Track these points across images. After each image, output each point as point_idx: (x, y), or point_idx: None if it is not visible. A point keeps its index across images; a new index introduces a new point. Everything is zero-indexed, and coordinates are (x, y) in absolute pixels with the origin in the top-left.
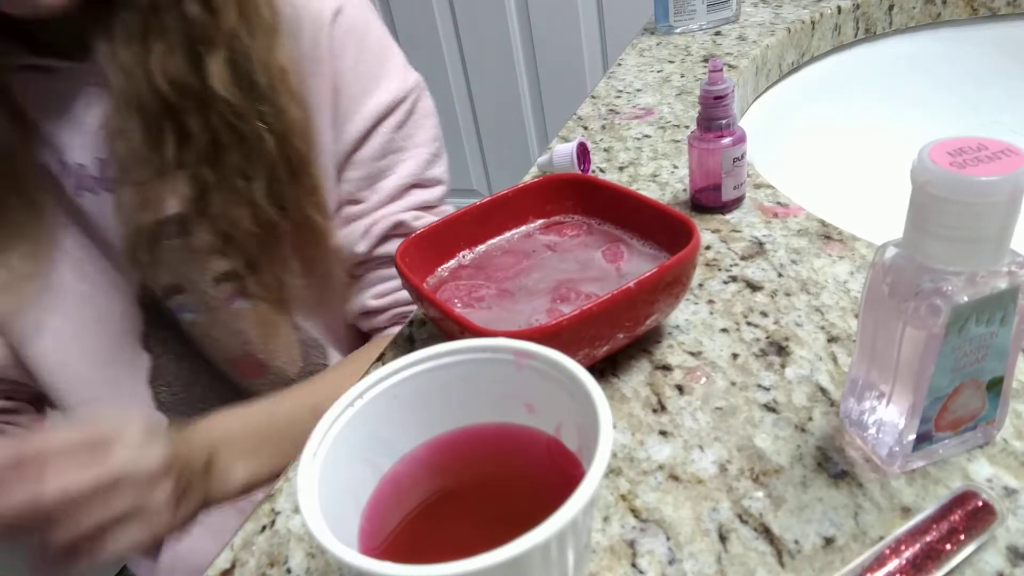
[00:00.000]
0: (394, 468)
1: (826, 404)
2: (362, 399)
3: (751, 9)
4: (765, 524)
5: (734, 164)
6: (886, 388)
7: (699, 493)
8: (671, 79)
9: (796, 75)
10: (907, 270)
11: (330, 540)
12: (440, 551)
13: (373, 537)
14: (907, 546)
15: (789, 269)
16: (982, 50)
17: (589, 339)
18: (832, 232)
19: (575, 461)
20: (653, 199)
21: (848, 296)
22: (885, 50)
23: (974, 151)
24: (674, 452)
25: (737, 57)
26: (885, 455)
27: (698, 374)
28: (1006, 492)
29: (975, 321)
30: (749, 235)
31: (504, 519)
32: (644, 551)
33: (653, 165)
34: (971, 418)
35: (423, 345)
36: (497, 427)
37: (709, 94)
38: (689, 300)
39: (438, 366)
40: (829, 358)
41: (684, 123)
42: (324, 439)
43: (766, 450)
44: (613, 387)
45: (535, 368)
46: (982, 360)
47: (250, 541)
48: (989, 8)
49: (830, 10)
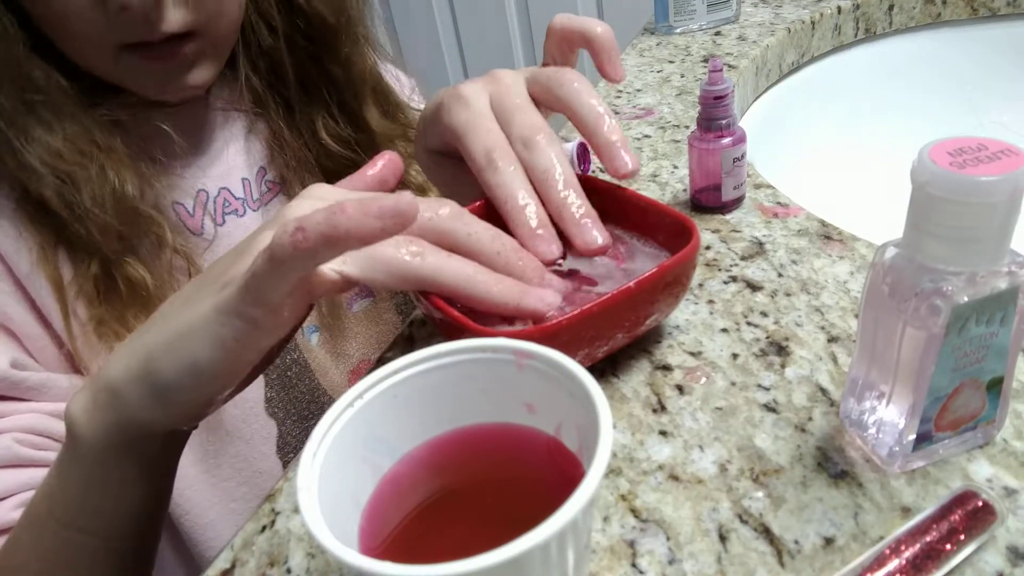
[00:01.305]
0: (394, 468)
1: (826, 404)
2: (362, 399)
3: (751, 9)
4: (765, 524)
5: (734, 164)
6: (886, 388)
7: (699, 493)
8: (671, 79)
9: (796, 75)
10: (907, 270)
11: (330, 540)
12: (440, 551)
13: (373, 537)
14: (907, 546)
15: (789, 269)
16: (982, 50)
17: (589, 339)
18: (832, 232)
19: (575, 461)
20: (653, 199)
21: (848, 296)
22: (885, 50)
23: (974, 151)
24: (674, 452)
25: (737, 57)
26: (885, 455)
27: (698, 374)
28: (1006, 492)
29: (975, 321)
30: (749, 235)
31: (504, 519)
32: (644, 551)
33: (653, 165)
34: (971, 418)
35: (423, 345)
36: (497, 427)
37: (709, 94)
38: (689, 300)
39: (438, 366)
40: (829, 358)
41: (684, 123)
42: (324, 439)
43: (766, 450)
44: (613, 387)
45: (535, 368)
46: (982, 360)
47: (250, 541)
48: (989, 8)
49: (830, 10)
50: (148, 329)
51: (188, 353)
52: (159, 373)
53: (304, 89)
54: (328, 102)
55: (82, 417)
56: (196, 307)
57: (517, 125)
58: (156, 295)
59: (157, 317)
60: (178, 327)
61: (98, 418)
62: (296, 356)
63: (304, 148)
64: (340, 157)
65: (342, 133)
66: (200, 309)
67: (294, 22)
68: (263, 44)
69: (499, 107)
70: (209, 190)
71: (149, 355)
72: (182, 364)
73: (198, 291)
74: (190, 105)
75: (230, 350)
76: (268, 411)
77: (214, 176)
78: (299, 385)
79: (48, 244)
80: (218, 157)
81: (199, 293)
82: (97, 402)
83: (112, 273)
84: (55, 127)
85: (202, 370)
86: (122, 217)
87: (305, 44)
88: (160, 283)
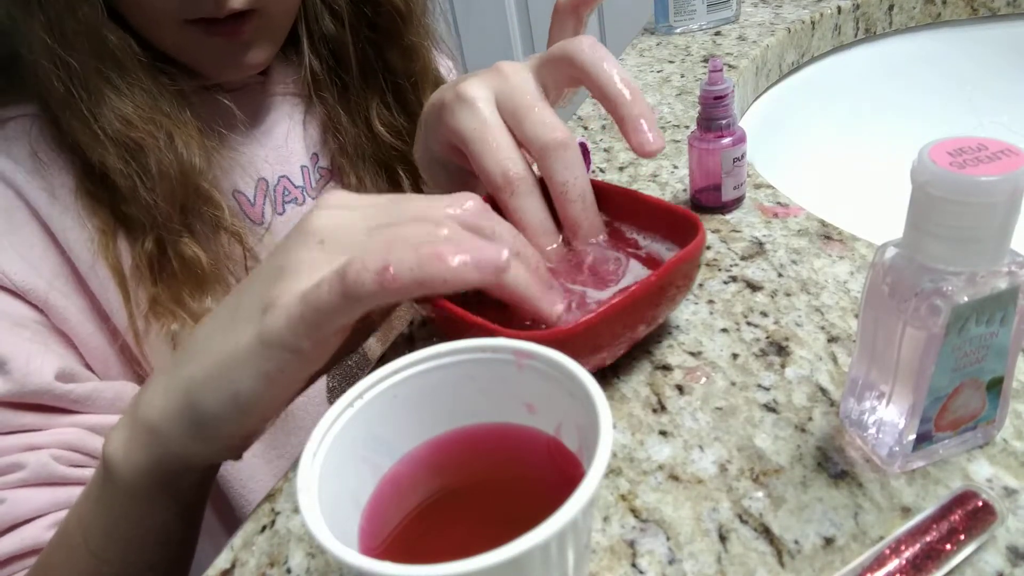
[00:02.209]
0: (394, 468)
1: (826, 404)
2: (362, 399)
3: (751, 9)
4: (765, 524)
5: (734, 164)
6: (886, 388)
7: (699, 493)
8: (671, 79)
9: (796, 75)
10: (907, 270)
11: (330, 540)
12: (440, 551)
13: (373, 537)
14: (907, 546)
15: (789, 269)
16: (982, 50)
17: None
18: (832, 232)
19: (575, 461)
20: (655, 196)
21: (848, 296)
22: (885, 50)
23: (974, 151)
24: (674, 452)
25: (737, 57)
26: (885, 455)
27: (698, 374)
28: (1006, 492)
29: (975, 321)
30: (749, 235)
31: (504, 519)
32: (644, 551)
33: (653, 165)
34: (971, 418)
35: (423, 345)
36: (497, 427)
37: (709, 94)
38: (689, 300)
39: (438, 366)
40: (829, 358)
41: (684, 123)
42: (324, 439)
43: (766, 450)
44: (613, 387)
45: (535, 368)
46: (982, 360)
47: (250, 541)
48: (989, 8)
49: (830, 10)
50: (185, 360)
51: (229, 384)
52: (199, 406)
53: (363, 76)
54: (384, 90)
55: (119, 454)
56: (237, 335)
57: (530, 126)
58: (211, 274)
59: (194, 345)
60: (219, 358)
61: (137, 455)
62: None
63: (359, 135)
64: (391, 147)
65: (395, 122)
66: (242, 339)
67: (360, 9)
68: (326, 31)
69: (509, 108)
70: (268, 178)
71: (188, 388)
72: (223, 397)
73: (234, 314)
74: (250, 88)
75: (274, 382)
76: (330, 401)
77: (273, 162)
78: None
79: (108, 228)
80: (277, 141)
81: (237, 316)
82: (136, 439)
83: (167, 251)
84: (126, 93)
85: (244, 403)
86: (186, 190)
87: (368, 32)
88: (216, 263)
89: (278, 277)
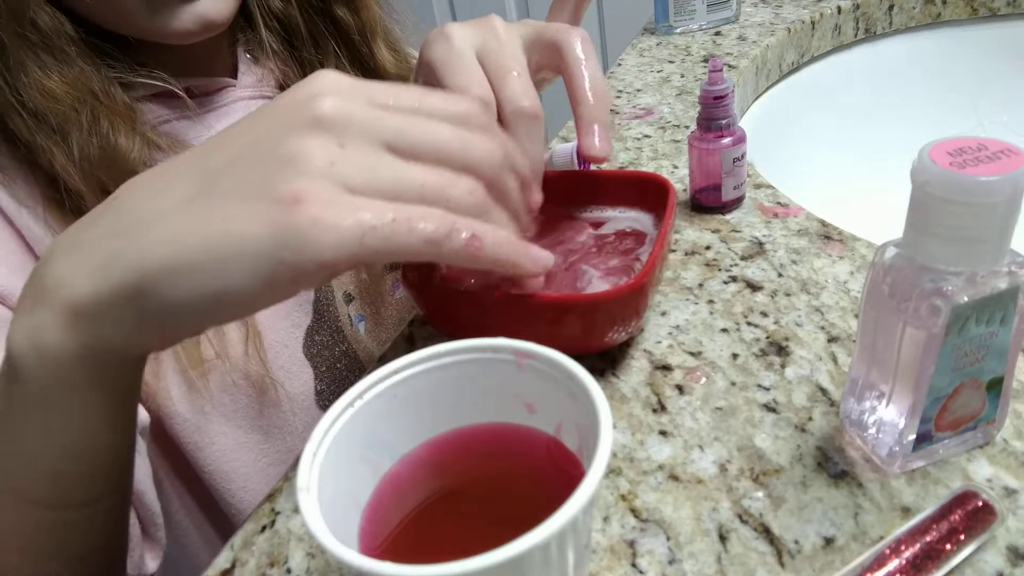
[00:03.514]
0: (394, 468)
1: (826, 404)
2: (362, 399)
3: (751, 9)
4: (765, 524)
5: (734, 164)
6: (886, 388)
7: (699, 493)
8: (671, 79)
9: (796, 75)
10: (907, 270)
11: (330, 540)
12: (440, 551)
13: (373, 537)
14: (907, 546)
15: (789, 269)
16: (982, 50)
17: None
18: (832, 232)
19: (575, 461)
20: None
21: (848, 296)
22: (885, 50)
23: (974, 151)
24: (674, 452)
25: (737, 57)
26: (885, 455)
27: (698, 374)
28: (1006, 492)
29: (975, 321)
30: (749, 235)
31: (504, 519)
32: (644, 551)
33: (653, 165)
34: (971, 418)
35: (423, 345)
36: (497, 427)
37: (709, 94)
38: (689, 300)
39: (438, 366)
40: (829, 358)
41: (684, 123)
42: (324, 439)
43: (766, 450)
44: (613, 387)
45: (535, 368)
46: (982, 360)
47: (250, 541)
48: (989, 8)
49: (830, 10)
50: (118, 231)
51: (213, 279)
52: (160, 296)
53: (315, 43)
54: (338, 54)
55: (25, 344)
56: (228, 220)
57: (509, 87)
58: None
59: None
60: (199, 243)
61: (55, 341)
62: (345, 348)
63: None
64: None
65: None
66: (246, 228)
67: None
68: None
69: (491, 63)
70: None
71: (142, 272)
72: (203, 291)
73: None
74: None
75: (278, 288)
76: (319, 404)
77: None
78: (349, 377)
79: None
80: None
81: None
82: (53, 324)
83: None
84: (52, 70)
85: (229, 301)
86: (115, 175)
87: None
88: None
89: (290, 165)
